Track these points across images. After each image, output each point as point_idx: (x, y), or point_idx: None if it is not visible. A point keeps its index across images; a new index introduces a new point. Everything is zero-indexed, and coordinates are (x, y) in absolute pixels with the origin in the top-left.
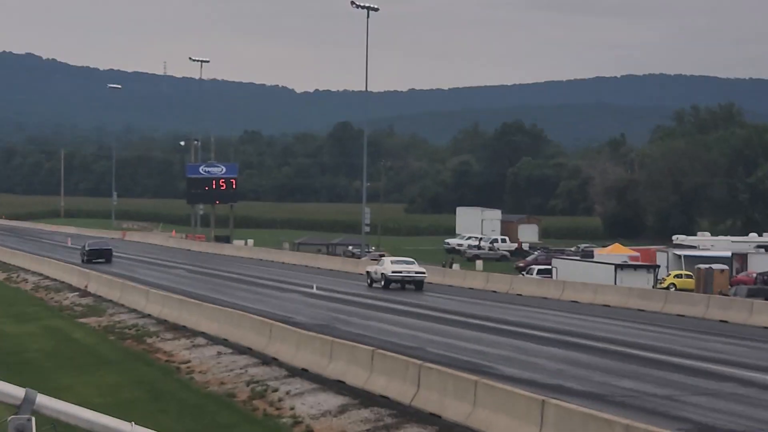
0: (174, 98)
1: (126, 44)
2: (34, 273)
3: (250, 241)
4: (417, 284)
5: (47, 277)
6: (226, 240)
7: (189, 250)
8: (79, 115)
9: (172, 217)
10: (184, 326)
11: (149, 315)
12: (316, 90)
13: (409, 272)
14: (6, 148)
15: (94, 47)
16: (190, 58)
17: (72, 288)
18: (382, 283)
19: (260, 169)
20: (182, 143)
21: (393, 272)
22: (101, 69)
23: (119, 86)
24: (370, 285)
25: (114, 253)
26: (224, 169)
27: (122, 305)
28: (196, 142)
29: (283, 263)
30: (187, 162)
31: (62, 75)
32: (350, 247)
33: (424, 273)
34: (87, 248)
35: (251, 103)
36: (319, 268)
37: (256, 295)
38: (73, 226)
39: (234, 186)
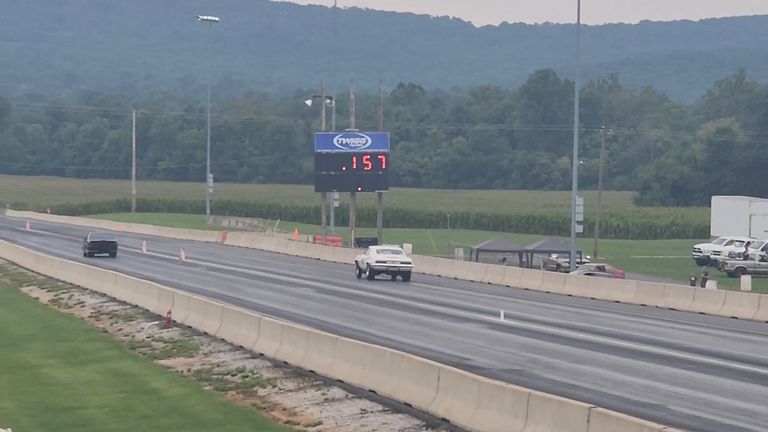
0: (295, 36)
1: None
2: (93, 293)
3: (407, 246)
4: (404, 275)
5: (112, 299)
6: (373, 244)
7: (318, 259)
8: (156, 61)
9: (293, 210)
10: (312, 371)
11: (261, 355)
12: (504, 23)
13: (394, 262)
14: (51, 110)
15: None
16: None
17: (149, 315)
18: (367, 273)
19: (421, 140)
20: (308, 102)
21: (377, 262)
22: None
23: (216, 18)
24: (359, 276)
25: (211, 264)
26: (370, 141)
27: (222, 340)
28: (328, 100)
29: (455, 279)
30: (316, 130)
31: (132, 1)
32: (554, 256)
33: (410, 263)
34: (89, 240)
35: (409, 44)
36: (507, 286)
37: (416, 326)
38: (150, 224)
39: (384, 165)
